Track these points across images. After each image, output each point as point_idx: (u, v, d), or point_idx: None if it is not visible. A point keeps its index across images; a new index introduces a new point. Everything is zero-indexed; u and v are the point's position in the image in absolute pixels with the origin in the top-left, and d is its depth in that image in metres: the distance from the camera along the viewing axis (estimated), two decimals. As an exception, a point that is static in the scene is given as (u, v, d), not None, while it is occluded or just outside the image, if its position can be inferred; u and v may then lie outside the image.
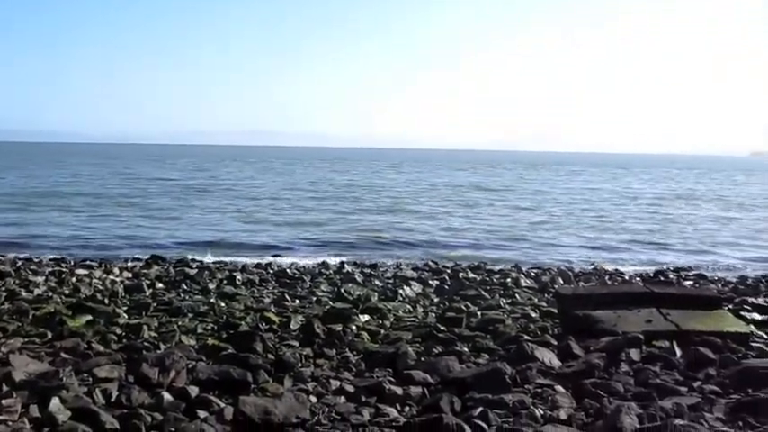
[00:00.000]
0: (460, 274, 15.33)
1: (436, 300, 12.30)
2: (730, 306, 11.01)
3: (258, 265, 16.59)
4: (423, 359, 7.82)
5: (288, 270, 15.73)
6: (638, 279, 15.62)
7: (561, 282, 14.61)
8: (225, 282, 13.65)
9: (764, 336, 9.20)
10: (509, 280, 14.47)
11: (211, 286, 13.01)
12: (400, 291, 12.65)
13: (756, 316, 10.47)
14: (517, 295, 12.67)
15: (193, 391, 6.42)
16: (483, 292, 12.64)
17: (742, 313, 10.44)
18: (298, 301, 11.92)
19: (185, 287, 12.96)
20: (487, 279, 14.78)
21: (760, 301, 11.95)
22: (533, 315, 10.73)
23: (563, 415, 5.93)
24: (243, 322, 9.73)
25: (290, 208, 33.90)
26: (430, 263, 17.75)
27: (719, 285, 14.86)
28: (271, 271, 15.63)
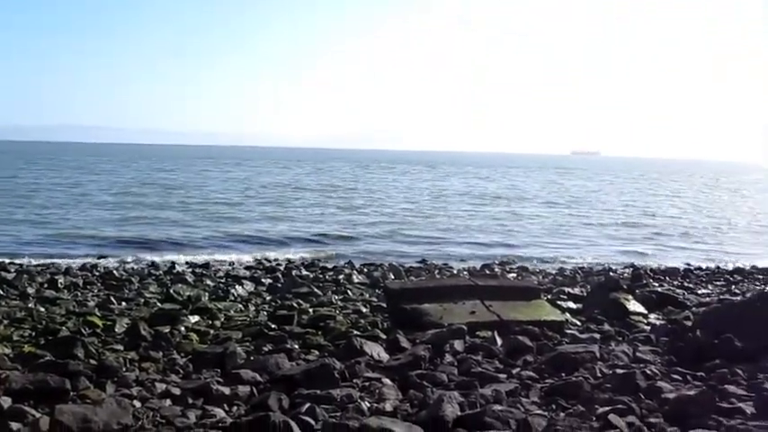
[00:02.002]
0: (294, 272, 15.36)
1: (269, 298, 12.24)
2: (549, 296, 11.67)
3: (83, 268, 15.91)
4: (252, 358, 7.75)
5: (115, 272, 15.17)
6: (465, 273, 16.19)
7: (392, 277, 14.95)
8: (46, 286, 12.99)
9: (578, 323, 9.81)
10: (342, 276, 14.66)
11: (30, 291, 12.33)
12: (232, 290, 12.52)
13: (571, 305, 11.18)
14: (349, 291, 12.84)
15: (6, 402, 6.03)
16: (315, 290, 12.69)
17: (559, 302, 11.11)
18: (124, 303, 11.51)
19: (1, 292, 12.18)
20: (321, 276, 14.90)
21: (576, 290, 12.77)
22: (364, 310, 10.90)
23: (389, 407, 6.07)
24: (64, 327, 9.23)
25: (114, 209, 32.16)
26: (263, 261, 17.66)
27: (540, 277, 15.70)
28: (96, 273, 15.02)
